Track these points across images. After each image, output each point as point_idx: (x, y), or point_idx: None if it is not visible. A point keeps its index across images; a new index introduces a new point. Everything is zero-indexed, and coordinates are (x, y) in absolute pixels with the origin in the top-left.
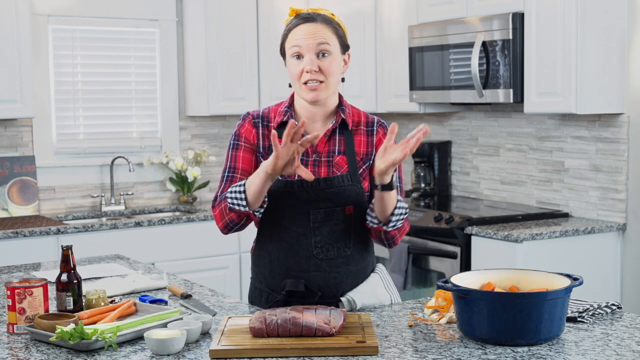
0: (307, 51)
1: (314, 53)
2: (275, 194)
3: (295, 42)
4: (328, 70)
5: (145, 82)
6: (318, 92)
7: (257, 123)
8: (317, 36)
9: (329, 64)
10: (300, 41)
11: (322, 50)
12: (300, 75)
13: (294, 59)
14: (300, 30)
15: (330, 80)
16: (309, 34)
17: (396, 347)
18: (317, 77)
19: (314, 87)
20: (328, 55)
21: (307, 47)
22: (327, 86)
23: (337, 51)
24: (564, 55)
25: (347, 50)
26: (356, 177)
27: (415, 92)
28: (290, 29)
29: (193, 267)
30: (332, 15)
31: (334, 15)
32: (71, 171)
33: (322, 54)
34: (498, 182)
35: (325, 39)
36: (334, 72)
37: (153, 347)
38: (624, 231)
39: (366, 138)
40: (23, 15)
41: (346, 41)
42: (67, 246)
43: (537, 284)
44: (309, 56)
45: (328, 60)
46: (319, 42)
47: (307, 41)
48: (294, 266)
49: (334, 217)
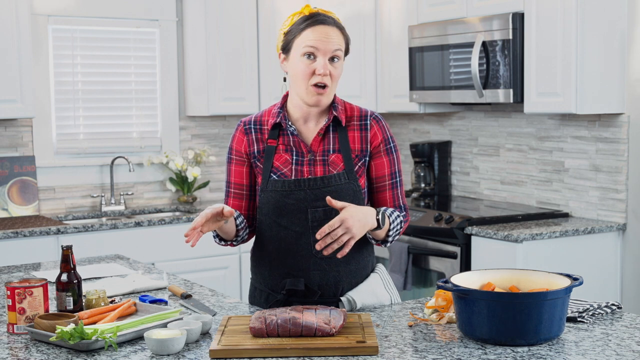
0: (322, 53)
1: (328, 56)
2: (273, 194)
3: (311, 43)
4: (336, 75)
5: (145, 82)
6: (323, 97)
7: (249, 129)
8: (334, 41)
9: (337, 71)
10: (318, 43)
11: (335, 56)
12: (310, 75)
13: (305, 58)
14: (317, 32)
15: (334, 85)
16: (326, 37)
17: (396, 347)
18: (326, 81)
19: (321, 90)
20: (338, 61)
21: (323, 50)
22: (331, 91)
23: (343, 56)
24: (564, 55)
25: (347, 54)
26: (352, 174)
27: (415, 92)
28: (304, 28)
29: (193, 267)
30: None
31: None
32: (71, 171)
33: (333, 58)
34: (498, 182)
35: (339, 45)
36: (338, 78)
37: (153, 347)
38: (624, 231)
39: (360, 133)
40: (23, 15)
41: (349, 46)
42: (67, 246)
43: (537, 284)
44: (323, 59)
45: (338, 66)
46: (335, 48)
47: (324, 45)
48: (294, 265)
49: (333, 215)
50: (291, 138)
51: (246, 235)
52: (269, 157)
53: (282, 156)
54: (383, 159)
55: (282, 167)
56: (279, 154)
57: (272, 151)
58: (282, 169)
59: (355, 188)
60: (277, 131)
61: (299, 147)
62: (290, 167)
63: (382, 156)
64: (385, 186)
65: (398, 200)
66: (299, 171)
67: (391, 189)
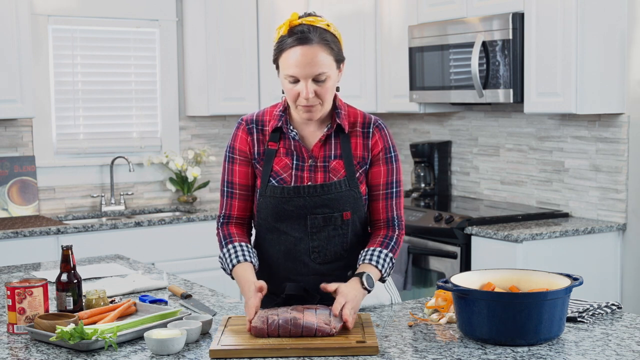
0: (303, 78)
1: (310, 79)
2: (271, 200)
3: (291, 70)
4: (324, 95)
5: (145, 82)
6: (313, 114)
7: (252, 129)
8: (314, 63)
9: (325, 89)
10: (297, 70)
11: (318, 77)
12: (296, 98)
13: (288, 82)
14: (295, 55)
15: (326, 102)
16: (305, 62)
17: (396, 347)
18: (312, 102)
19: (309, 108)
20: (324, 80)
21: (304, 75)
22: (322, 107)
23: (333, 71)
24: (564, 55)
25: (342, 62)
26: (353, 181)
27: (415, 92)
28: (284, 49)
29: (193, 267)
30: (328, 27)
31: (330, 25)
32: (71, 171)
33: (318, 79)
34: (498, 182)
35: (322, 65)
36: (329, 94)
37: (153, 347)
38: (624, 231)
39: (362, 140)
40: (23, 15)
41: (341, 55)
42: (67, 246)
43: (537, 284)
44: (306, 83)
45: (325, 85)
46: (316, 70)
47: (304, 70)
48: (293, 270)
49: (332, 222)
50: (292, 142)
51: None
52: (269, 161)
53: (282, 160)
54: (381, 167)
55: (281, 172)
56: (279, 157)
57: (272, 154)
58: (282, 174)
59: (355, 195)
60: (278, 134)
61: (300, 152)
62: (290, 172)
63: (380, 165)
64: (379, 195)
65: (392, 212)
66: (298, 177)
67: (385, 199)
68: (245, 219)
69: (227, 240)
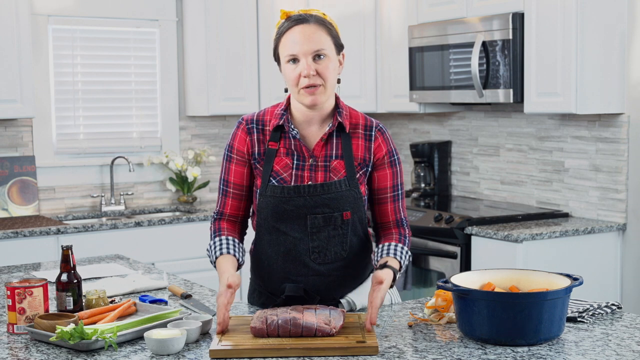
0: (302, 55)
1: (310, 56)
2: (272, 199)
3: (289, 47)
4: (325, 72)
5: (145, 82)
6: (317, 96)
7: (252, 129)
8: (312, 39)
9: (325, 66)
10: (295, 46)
11: (318, 53)
12: (297, 80)
13: (290, 64)
14: (293, 34)
15: (328, 83)
16: (303, 38)
17: (396, 347)
18: (314, 81)
19: (312, 90)
20: (324, 58)
21: (303, 51)
22: (325, 89)
23: (333, 52)
24: (564, 55)
25: (342, 50)
26: (354, 181)
27: (415, 92)
28: (283, 32)
29: (193, 267)
30: (324, 15)
31: (326, 15)
32: (71, 171)
33: (318, 56)
34: (498, 182)
35: (320, 42)
36: (330, 74)
37: (153, 347)
38: (624, 231)
39: (364, 142)
40: (23, 15)
41: (340, 41)
42: (67, 246)
43: (537, 284)
44: (305, 60)
45: (324, 63)
46: (315, 45)
47: (302, 46)
48: (292, 270)
49: (332, 222)
50: (293, 142)
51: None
52: (269, 160)
53: (282, 160)
54: (386, 170)
55: (282, 172)
56: (280, 157)
57: (272, 154)
58: (282, 174)
59: (356, 195)
60: (278, 134)
61: (300, 152)
62: (290, 172)
63: (385, 168)
64: (387, 198)
65: (399, 213)
66: (299, 176)
67: (392, 202)
68: (238, 217)
69: (216, 234)
